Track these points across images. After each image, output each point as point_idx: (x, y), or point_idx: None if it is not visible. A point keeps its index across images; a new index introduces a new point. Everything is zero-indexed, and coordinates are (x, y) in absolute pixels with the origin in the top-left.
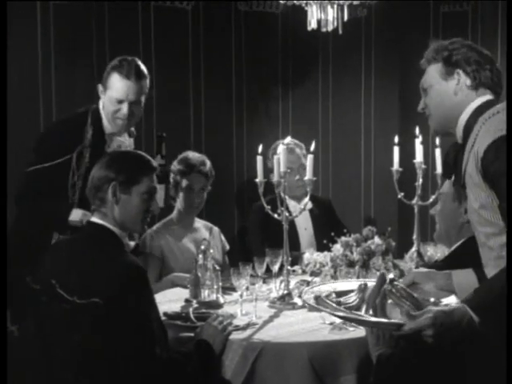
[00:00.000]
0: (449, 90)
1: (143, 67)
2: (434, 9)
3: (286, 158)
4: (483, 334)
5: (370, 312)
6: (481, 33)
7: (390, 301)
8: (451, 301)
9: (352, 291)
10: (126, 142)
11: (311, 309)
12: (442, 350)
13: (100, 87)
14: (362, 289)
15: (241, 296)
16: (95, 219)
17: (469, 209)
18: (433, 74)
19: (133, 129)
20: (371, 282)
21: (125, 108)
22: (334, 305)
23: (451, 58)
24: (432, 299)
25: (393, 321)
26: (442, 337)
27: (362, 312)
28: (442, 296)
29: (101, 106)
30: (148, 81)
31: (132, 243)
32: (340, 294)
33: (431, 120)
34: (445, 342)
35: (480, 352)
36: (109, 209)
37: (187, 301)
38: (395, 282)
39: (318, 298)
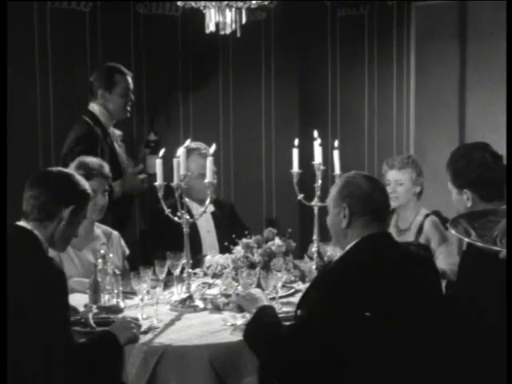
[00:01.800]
0: None
1: None
2: (331, 13)
3: (199, 164)
4: None
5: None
6: (377, 36)
7: None
8: None
9: None
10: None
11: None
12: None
13: (102, 91)
14: None
15: (141, 300)
16: (25, 224)
17: None
18: None
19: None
20: None
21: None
22: None
23: None
24: None
25: (492, 246)
26: None
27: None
28: None
29: (95, 109)
30: None
31: None
32: None
33: None
34: None
35: None
36: (54, 225)
37: (87, 306)
38: None
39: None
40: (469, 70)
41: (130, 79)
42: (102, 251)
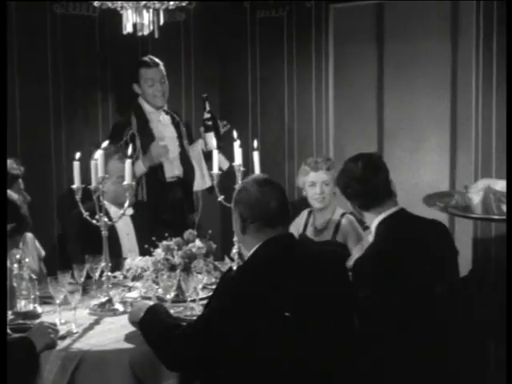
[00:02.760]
0: None
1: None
2: (251, 14)
3: (119, 166)
4: None
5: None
6: (295, 38)
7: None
8: None
9: None
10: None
11: None
12: None
13: (135, 85)
14: None
15: (59, 305)
16: None
17: None
18: None
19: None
20: None
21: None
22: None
23: None
24: None
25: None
26: None
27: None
28: None
29: (141, 101)
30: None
31: None
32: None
33: None
34: None
35: None
36: None
37: None
38: None
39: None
40: (386, 71)
41: (158, 68)
42: (18, 256)
